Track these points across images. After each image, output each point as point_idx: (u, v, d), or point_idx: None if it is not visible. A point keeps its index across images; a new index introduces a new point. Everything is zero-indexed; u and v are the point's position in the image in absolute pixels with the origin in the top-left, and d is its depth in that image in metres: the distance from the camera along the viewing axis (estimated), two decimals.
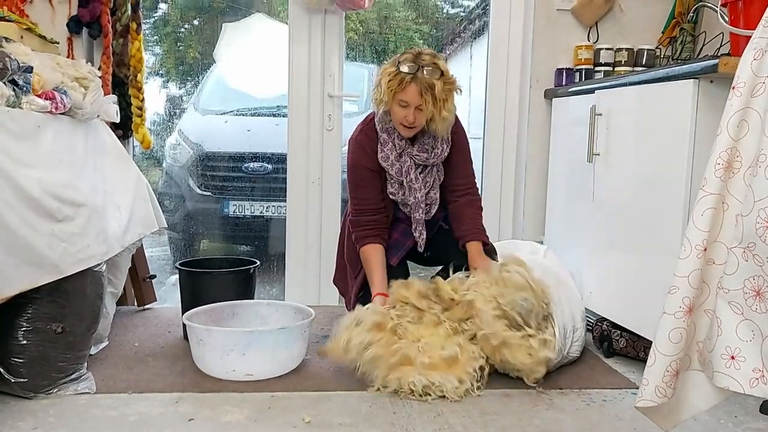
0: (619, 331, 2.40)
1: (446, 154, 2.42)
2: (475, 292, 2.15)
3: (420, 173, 2.41)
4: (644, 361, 1.73)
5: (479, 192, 2.59)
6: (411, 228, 2.44)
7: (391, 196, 2.43)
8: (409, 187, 2.39)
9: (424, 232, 2.44)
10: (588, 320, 2.49)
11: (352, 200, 2.46)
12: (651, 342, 1.54)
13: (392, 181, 2.41)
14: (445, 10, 3.76)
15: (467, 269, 2.33)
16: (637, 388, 1.90)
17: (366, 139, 2.41)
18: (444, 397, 1.97)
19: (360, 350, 2.04)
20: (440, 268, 2.47)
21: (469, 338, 2.12)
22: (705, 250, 1.48)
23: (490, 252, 2.42)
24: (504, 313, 2.10)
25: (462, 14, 3.74)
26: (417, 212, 2.41)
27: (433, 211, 2.46)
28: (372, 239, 2.39)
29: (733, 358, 1.42)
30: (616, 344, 2.40)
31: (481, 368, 2.07)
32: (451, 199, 2.48)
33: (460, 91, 2.34)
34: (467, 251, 2.38)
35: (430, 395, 1.98)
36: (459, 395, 1.98)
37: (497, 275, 2.20)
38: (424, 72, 2.22)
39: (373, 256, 2.38)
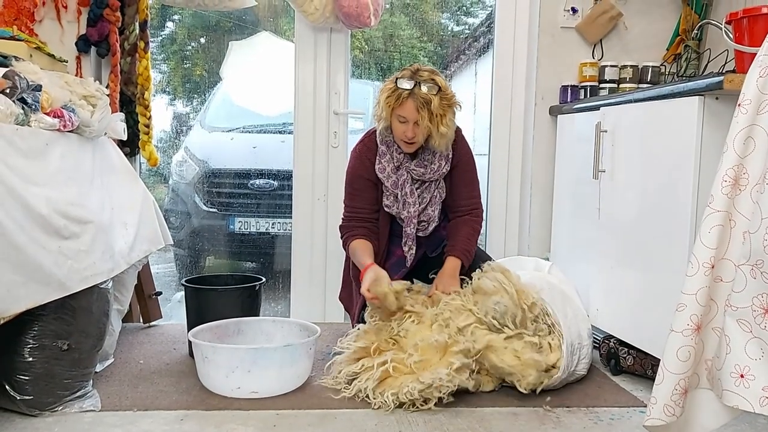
0: (626, 349, 2.38)
1: (445, 170, 2.42)
2: (447, 307, 2.19)
3: (417, 188, 2.41)
4: (652, 378, 1.72)
5: (484, 209, 2.58)
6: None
7: (386, 209, 2.44)
8: (403, 201, 2.40)
9: (414, 248, 2.44)
10: (595, 337, 2.48)
11: (346, 208, 2.49)
12: (659, 360, 1.53)
13: (388, 193, 2.42)
14: (449, 28, 3.78)
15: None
16: (645, 406, 1.88)
17: (365, 149, 2.44)
18: (446, 404, 1.98)
19: (348, 380, 2.14)
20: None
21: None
22: (713, 267, 1.47)
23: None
24: (479, 319, 2.14)
25: (467, 32, 3.76)
26: (409, 227, 2.42)
27: (431, 229, 2.46)
28: (361, 237, 2.41)
29: (742, 376, 1.41)
30: (623, 362, 2.38)
31: (469, 350, 2.09)
32: (452, 217, 2.50)
33: (460, 107, 2.35)
34: (444, 264, 2.39)
35: (429, 399, 2.00)
36: (454, 383, 2.01)
37: (475, 284, 2.25)
38: (422, 87, 2.24)
39: (361, 244, 2.39)
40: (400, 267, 2.44)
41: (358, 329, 2.26)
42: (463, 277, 2.35)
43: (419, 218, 2.43)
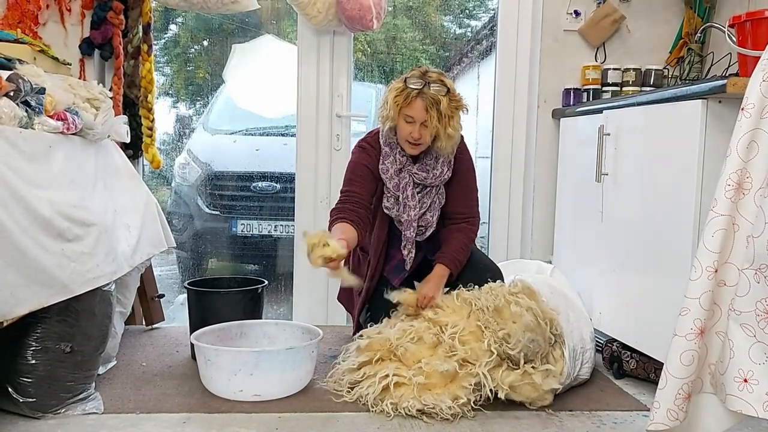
0: (629, 353, 2.38)
1: (447, 176, 2.42)
2: (458, 331, 2.09)
3: (418, 192, 2.41)
4: (655, 382, 1.72)
5: (487, 212, 2.58)
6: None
7: (386, 211, 2.43)
8: (404, 204, 2.39)
9: (413, 251, 2.42)
10: (597, 341, 2.47)
11: (342, 193, 2.38)
12: (662, 363, 1.52)
13: (389, 195, 2.41)
14: (452, 31, 3.79)
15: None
16: (648, 410, 1.88)
17: (369, 146, 2.43)
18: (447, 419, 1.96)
19: (349, 387, 2.12)
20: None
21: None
22: (716, 271, 1.47)
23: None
24: (509, 356, 2.05)
25: (469, 34, 3.77)
26: (408, 230, 2.41)
27: (428, 233, 2.45)
28: (347, 221, 2.24)
29: (745, 381, 1.41)
30: (626, 365, 2.38)
31: (480, 384, 2.04)
32: (447, 224, 2.47)
33: (467, 110, 2.34)
34: (433, 270, 2.34)
35: (425, 414, 1.98)
36: (454, 414, 1.97)
37: (501, 302, 2.11)
38: (431, 88, 2.24)
39: (342, 227, 2.21)
40: (399, 271, 2.43)
41: (359, 344, 2.20)
42: (449, 287, 2.29)
43: (418, 223, 2.42)
